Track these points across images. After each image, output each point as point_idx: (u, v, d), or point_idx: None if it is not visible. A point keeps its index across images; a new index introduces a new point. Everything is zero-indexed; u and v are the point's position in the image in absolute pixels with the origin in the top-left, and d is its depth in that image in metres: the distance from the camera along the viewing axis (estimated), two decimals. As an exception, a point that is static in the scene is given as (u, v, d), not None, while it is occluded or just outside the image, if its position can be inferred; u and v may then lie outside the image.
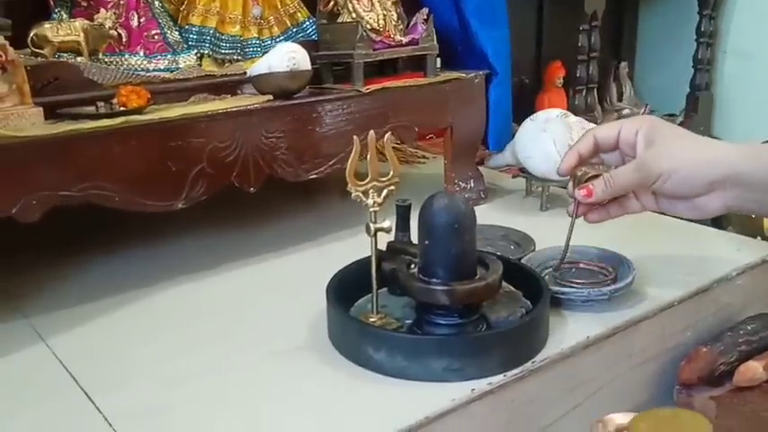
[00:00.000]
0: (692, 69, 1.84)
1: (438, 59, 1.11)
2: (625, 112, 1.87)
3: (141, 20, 1.03)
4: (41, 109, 0.78)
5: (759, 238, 0.97)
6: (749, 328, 0.85)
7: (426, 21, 1.05)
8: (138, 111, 0.82)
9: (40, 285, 0.91)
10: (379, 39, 1.00)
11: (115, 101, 0.83)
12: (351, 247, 0.80)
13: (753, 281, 0.90)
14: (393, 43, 1.01)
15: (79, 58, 0.91)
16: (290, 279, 0.91)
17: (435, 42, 1.06)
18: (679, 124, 1.87)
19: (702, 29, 1.79)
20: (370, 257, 0.72)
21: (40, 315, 0.83)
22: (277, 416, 0.62)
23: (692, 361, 0.80)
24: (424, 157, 1.49)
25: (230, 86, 0.98)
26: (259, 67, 0.89)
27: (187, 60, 1.04)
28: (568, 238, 0.78)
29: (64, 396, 0.66)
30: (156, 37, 1.03)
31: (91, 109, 0.82)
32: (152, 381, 0.68)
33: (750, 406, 0.79)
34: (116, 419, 0.61)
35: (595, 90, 1.67)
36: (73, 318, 0.81)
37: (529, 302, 0.74)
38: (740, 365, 0.82)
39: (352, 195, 0.68)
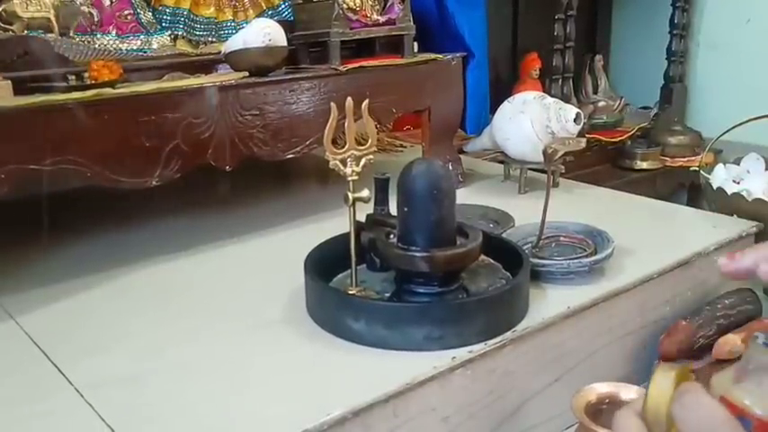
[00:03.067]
0: (665, 61, 1.85)
1: (415, 44, 1.11)
2: (600, 104, 1.88)
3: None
4: (10, 82, 0.76)
5: (735, 215, 0.97)
6: (727, 302, 0.85)
7: (403, 1, 1.04)
8: (111, 84, 0.80)
9: (10, 267, 0.89)
10: (355, 18, 0.99)
11: (87, 75, 0.81)
12: (330, 229, 0.79)
13: (730, 257, 0.90)
14: (370, 23, 1.01)
15: (49, 35, 0.89)
16: (267, 259, 0.90)
17: (412, 23, 1.05)
18: (654, 116, 1.89)
19: (676, 21, 1.80)
20: (348, 233, 0.71)
21: (10, 295, 0.80)
22: (252, 386, 0.60)
23: (672, 334, 0.80)
24: (402, 145, 1.49)
25: (205, 65, 0.97)
26: (234, 42, 0.88)
27: (161, 41, 1.03)
28: (545, 210, 0.78)
29: (32, 369, 0.64)
30: (129, 17, 1.02)
31: (62, 84, 0.80)
32: (125, 353, 0.66)
33: (729, 378, 0.79)
34: (86, 389, 0.59)
35: (571, 81, 1.67)
36: (44, 297, 0.79)
37: (509, 274, 0.74)
38: (719, 339, 0.82)
39: (330, 164, 0.67)
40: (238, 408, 0.57)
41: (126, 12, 1.01)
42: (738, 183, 1.03)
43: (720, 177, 1.05)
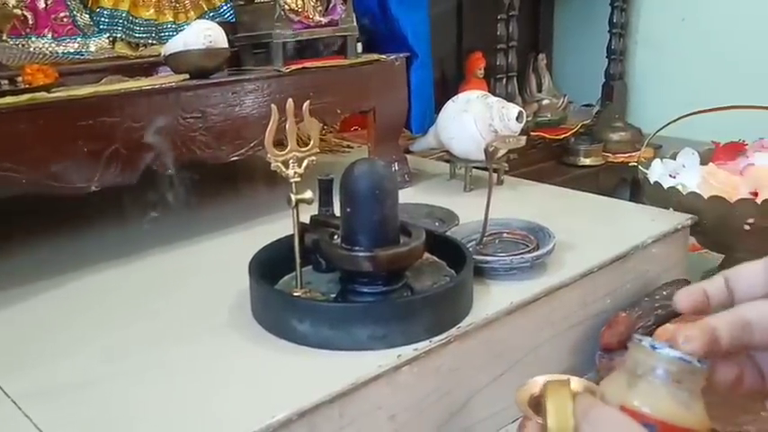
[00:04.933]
0: (606, 60, 1.90)
1: (359, 45, 1.11)
2: (545, 102, 1.92)
3: (49, 1, 0.99)
4: (-61, 88, 0.74)
5: (672, 209, 1.00)
6: (665, 293, 0.87)
7: (345, 2, 1.04)
8: (46, 89, 0.78)
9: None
10: (297, 19, 0.99)
11: (20, 79, 0.79)
12: (277, 231, 0.79)
13: (667, 249, 0.93)
14: (312, 24, 1.01)
15: (-20, 39, 0.87)
16: (213, 262, 0.89)
17: (355, 24, 1.05)
18: (596, 113, 1.94)
19: (614, 20, 1.85)
20: (293, 234, 0.71)
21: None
22: (197, 391, 0.60)
23: (612, 326, 0.82)
24: (349, 146, 1.49)
25: (145, 68, 0.96)
26: (174, 44, 0.87)
27: (99, 44, 1.01)
28: (487, 208, 0.79)
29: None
30: (65, 19, 1.00)
31: (-6, 89, 0.78)
32: (66, 363, 0.65)
33: (667, 366, 0.81)
34: (23, 400, 0.58)
35: (515, 79, 1.70)
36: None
37: (453, 272, 0.75)
38: (657, 329, 0.84)
39: (272, 166, 0.67)
40: (182, 413, 0.57)
41: (62, 14, 0.99)
42: (674, 177, 1.06)
43: (657, 172, 1.08)
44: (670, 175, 1.07)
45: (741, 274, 0.45)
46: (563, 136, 1.84)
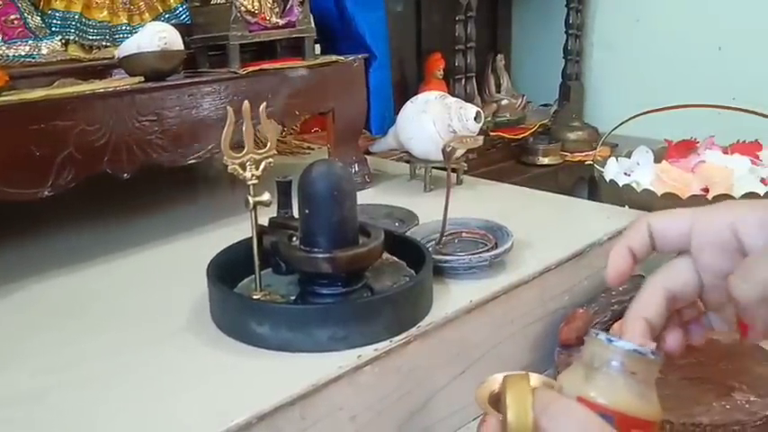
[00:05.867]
0: (563, 60, 1.93)
1: (317, 46, 1.11)
2: (503, 102, 1.94)
3: (-2, 4, 0.97)
4: None
5: (626, 206, 1.02)
6: (621, 289, 0.89)
7: (302, 4, 1.04)
8: (-5, 93, 0.77)
9: None
10: (254, 21, 0.98)
11: (-32, 83, 0.77)
12: (236, 234, 0.79)
13: (623, 245, 0.94)
14: (269, 25, 1.00)
15: (-74, 42, 0.85)
16: (172, 266, 0.88)
17: (312, 25, 1.05)
18: (554, 113, 1.96)
19: (570, 21, 1.88)
20: (251, 237, 0.70)
21: None
22: (157, 397, 0.59)
23: (570, 322, 0.84)
24: (309, 148, 1.48)
25: (99, 71, 0.94)
26: (128, 47, 0.86)
27: (51, 47, 0.99)
28: (446, 208, 0.80)
29: None
30: (16, 22, 0.98)
31: (-60, 92, 0.77)
32: (25, 370, 0.63)
33: (624, 360, 0.83)
34: (-25, 411, 0.56)
35: (474, 80, 1.72)
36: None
37: (413, 272, 0.75)
38: (614, 324, 0.86)
39: (229, 168, 0.67)
40: (141, 419, 0.56)
41: (12, 16, 0.97)
42: (629, 175, 1.08)
43: (613, 170, 1.10)
44: (625, 173, 1.09)
45: (667, 231, 0.44)
46: (522, 136, 1.86)
